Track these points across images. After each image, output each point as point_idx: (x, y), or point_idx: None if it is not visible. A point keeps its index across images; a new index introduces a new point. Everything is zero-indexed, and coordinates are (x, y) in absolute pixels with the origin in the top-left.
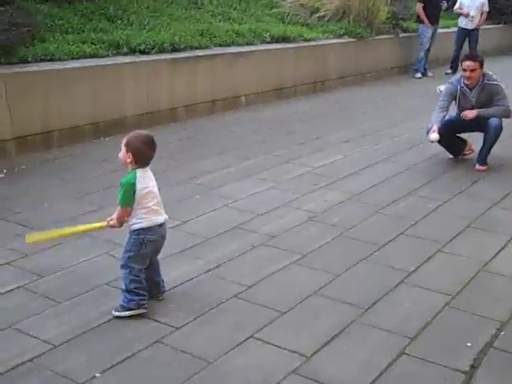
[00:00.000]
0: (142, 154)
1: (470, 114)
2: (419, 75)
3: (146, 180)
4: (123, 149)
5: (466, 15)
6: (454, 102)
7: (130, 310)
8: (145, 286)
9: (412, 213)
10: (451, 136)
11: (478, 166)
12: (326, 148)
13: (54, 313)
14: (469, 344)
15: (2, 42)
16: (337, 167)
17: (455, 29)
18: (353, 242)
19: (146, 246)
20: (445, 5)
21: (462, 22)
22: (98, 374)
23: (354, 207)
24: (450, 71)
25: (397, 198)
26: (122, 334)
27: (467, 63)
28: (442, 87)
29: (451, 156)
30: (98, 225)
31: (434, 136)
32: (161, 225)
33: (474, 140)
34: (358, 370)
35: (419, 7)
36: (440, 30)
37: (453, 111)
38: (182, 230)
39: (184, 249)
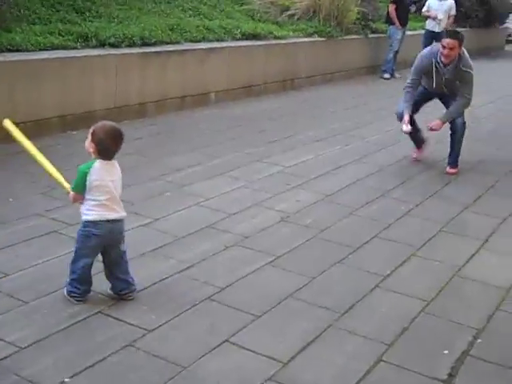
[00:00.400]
0: (105, 146)
1: (435, 125)
2: (387, 76)
3: (101, 172)
4: (89, 137)
5: (434, 18)
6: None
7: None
8: (88, 277)
9: (385, 215)
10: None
11: (448, 169)
12: (297, 147)
13: (21, 313)
14: (446, 351)
15: None
16: (308, 167)
17: (422, 31)
18: (327, 244)
19: (90, 240)
20: (414, 8)
21: (430, 25)
22: (67, 379)
23: (326, 208)
24: None
25: (370, 199)
26: (91, 337)
27: (447, 40)
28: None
29: (415, 155)
30: (64, 184)
31: (406, 129)
32: (111, 221)
33: (441, 140)
34: (335, 377)
35: (392, 8)
36: (407, 32)
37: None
38: (153, 227)
39: (155, 247)
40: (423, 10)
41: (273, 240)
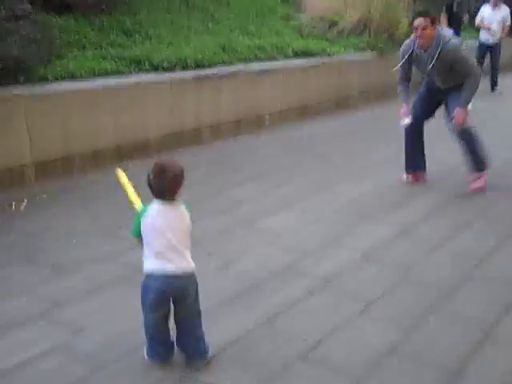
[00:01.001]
0: (155, 185)
1: (459, 118)
2: None
3: (154, 214)
4: None
5: (488, 29)
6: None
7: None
8: (161, 336)
9: (472, 250)
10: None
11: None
12: (362, 172)
13: (102, 378)
14: None
15: (21, 60)
16: (380, 195)
17: (476, 42)
18: (417, 287)
19: (149, 294)
20: (466, 17)
21: (483, 36)
22: None
23: (407, 243)
24: None
25: (451, 232)
26: None
27: (417, 21)
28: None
29: (405, 176)
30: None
31: (406, 122)
32: (170, 275)
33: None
34: None
35: (444, 19)
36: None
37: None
38: (227, 271)
39: (234, 295)
40: (477, 21)
41: (358, 283)
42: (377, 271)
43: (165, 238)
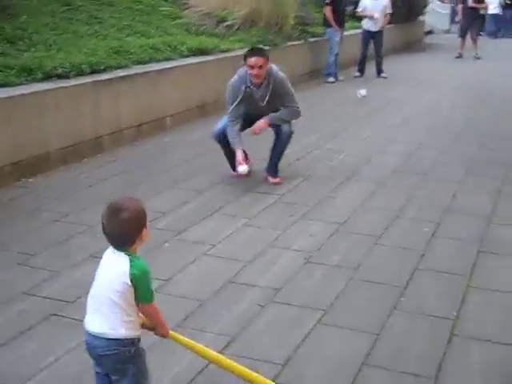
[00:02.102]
0: (103, 228)
1: (258, 126)
2: (332, 79)
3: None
4: None
5: (371, 17)
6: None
7: None
8: None
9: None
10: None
11: (271, 179)
12: (284, 171)
13: None
14: None
15: None
16: (303, 193)
17: (358, 31)
18: (369, 287)
19: None
20: (350, 8)
21: (367, 25)
22: None
23: (346, 241)
24: (358, 74)
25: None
26: None
27: (254, 60)
28: (363, 91)
29: (234, 172)
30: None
31: (243, 169)
32: (86, 331)
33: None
34: None
35: (328, 11)
36: (345, 33)
37: None
38: (166, 292)
39: (180, 321)
40: (358, 10)
41: (308, 290)
42: (323, 276)
43: (94, 287)
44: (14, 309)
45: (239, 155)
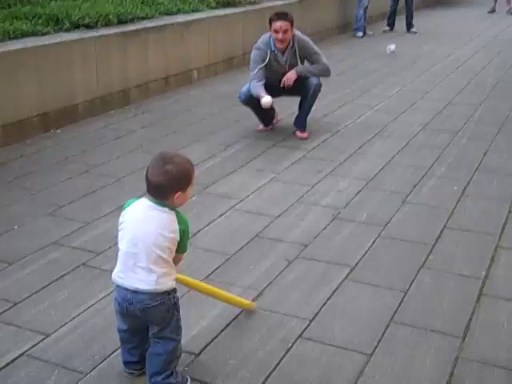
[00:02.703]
0: (146, 176)
1: (291, 76)
2: (361, 34)
3: (132, 209)
4: None
5: None
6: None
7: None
8: (124, 348)
9: (442, 200)
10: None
11: (299, 134)
12: (310, 126)
13: None
14: None
15: None
16: (327, 147)
17: None
18: (397, 245)
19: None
20: None
21: None
22: None
23: (375, 197)
24: (387, 28)
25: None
26: None
27: (279, 23)
28: (393, 46)
29: (261, 127)
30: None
31: (267, 100)
32: (120, 286)
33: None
34: None
35: None
36: None
37: None
38: (194, 246)
39: (209, 272)
40: None
41: (336, 246)
42: (351, 233)
43: (122, 239)
44: (45, 258)
45: (262, 92)
